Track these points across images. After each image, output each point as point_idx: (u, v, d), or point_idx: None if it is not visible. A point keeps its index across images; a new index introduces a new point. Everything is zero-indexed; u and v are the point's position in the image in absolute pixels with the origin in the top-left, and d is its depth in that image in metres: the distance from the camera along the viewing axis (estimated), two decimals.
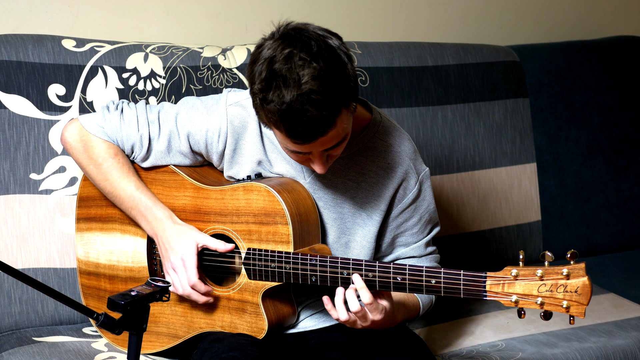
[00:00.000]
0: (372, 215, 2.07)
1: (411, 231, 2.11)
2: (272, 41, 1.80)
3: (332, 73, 1.77)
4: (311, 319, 2.11)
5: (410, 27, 3.09)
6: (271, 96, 1.76)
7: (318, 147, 1.84)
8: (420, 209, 2.10)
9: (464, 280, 1.80)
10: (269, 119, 1.81)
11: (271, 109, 1.77)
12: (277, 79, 1.76)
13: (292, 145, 1.84)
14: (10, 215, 2.32)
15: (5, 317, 2.31)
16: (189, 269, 2.00)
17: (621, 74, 3.09)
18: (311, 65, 1.75)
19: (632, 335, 2.43)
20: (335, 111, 1.78)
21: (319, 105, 1.75)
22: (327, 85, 1.75)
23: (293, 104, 1.75)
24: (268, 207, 1.98)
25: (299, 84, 1.74)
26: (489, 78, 2.88)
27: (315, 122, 1.77)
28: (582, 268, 1.72)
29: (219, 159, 2.09)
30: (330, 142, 1.84)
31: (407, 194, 2.07)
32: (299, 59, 1.75)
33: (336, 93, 1.77)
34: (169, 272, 2.04)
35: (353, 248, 2.08)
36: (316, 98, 1.74)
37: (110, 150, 2.09)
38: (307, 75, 1.74)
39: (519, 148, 2.91)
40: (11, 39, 2.37)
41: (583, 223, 3.02)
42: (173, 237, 2.02)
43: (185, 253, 2.00)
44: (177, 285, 2.02)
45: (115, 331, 1.64)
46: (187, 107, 2.08)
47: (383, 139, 2.06)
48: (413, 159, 2.08)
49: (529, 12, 3.28)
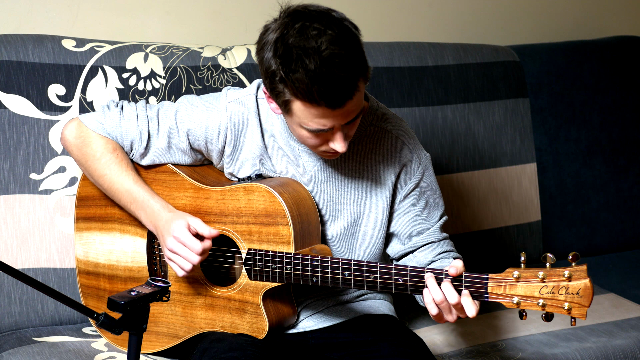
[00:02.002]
0: (377, 203, 2.06)
1: (421, 217, 2.09)
2: (278, 22, 1.83)
3: (347, 39, 1.80)
4: (311, 319, 2.11)
5: (410, 27, 3.09)
6: (295, 66, 1.78)
7: (342, 119, 1.85)
8: (426, 193, 2.09)
9: (466, 281, 1.80)
10: (297, 90, 1.80)
11: (299, 77, 1.78)
12: (296, 50, 1.78)
13: (316, 121, 1.84)
14: (10, 215, 2.32)
15: (5, 317, 2.31)
16: (187, 242, 1.96)
17: (621, 74, 3.09)
18: (327, 33, 1.78)
19: (632, 335, 2.44)
20: (357, 74, 1.81)
21: (344, 67, 1.78)
22: (346, 48, 1.79)
23: (319, 69, 1.76)
24: (269, 208, 1.98)
25: (320, 51, 1.77)
26: (489, 78, 2.88)
27: (343, 84, 1.79)
28: (583, 270, 1.72)
29: (218, 157, 2.09)
30: (353, 112, 1.85)
31: (410, 178, 2.07)
32: (312, 29, 1.78)
33: (355, 56, 1.80)
34: (170, 258, 2.00)
35: (360, 239, 2.08)
36: (339, 61, 1.77)
37: (108, 145, 2.09)
38: (325, 42, 1.77)
39: (519, 148, 2.91)
40: (11, 39, 2.37)
41: (583, 223, 3.02)
42: (168, 223, 2.00)
43: (177, 231, 1.97)
44: (183, 264, 1.97)
45: (115, 331, 1.64)
46: (186, 104, 2.09)
47: (381, 125, 2.06)
48: (413, 144, 2.07)
49: (529, 12, 3.28)
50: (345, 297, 2.16)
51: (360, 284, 1.89)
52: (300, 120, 1.86)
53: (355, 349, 2.09)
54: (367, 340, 2.09)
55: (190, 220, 1.98)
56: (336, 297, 2.14)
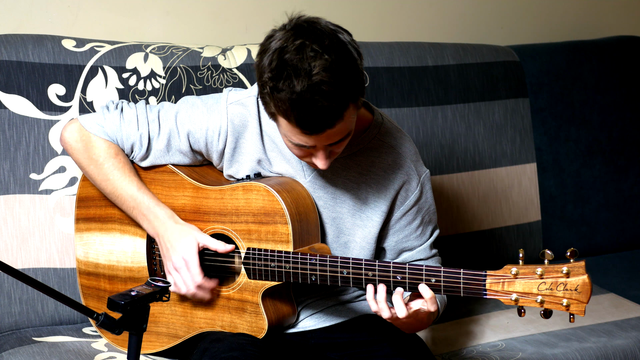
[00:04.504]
0: (372, 217, 2.07)
1: (415, 234, 2.10)
2: (283, 32, 1.81)
3: (342, 66, 1.77)
4: (311, 318, 2.11)
5: (410, 27, 3.09)
6: (282, 85, 1.77)
7: (324, 141, 1.84)
8: (422, 211, 2.10)
9: (464, 278, 1.80)
10: (279, 108, 1.80)
11: (282, 97, 1.77)
12: (288, 68, 1.76)
13: (298, 138, 1.84)
14: (10, 215, 2.32)
15: (5, 317, 2.31)
16: (192, 269, 2.00)
17: (621, 74, 3.09)
18: (323, 57, 1.75)
19: (632, 335, 2.44)
20: (343, 104, 1.79)
21: (329, 96, 1.76)
22: (337, 77, 1.76)
23: (303, 93, 1.75)
24: (267, 207, 1.98)
25: (310, 75, 1.75)
26: (489, 78, 2.88)
27: (324, 113, 1.77)
28: (581, 266, 1.72)
29: (218, 158, 2.09)
30: (336, 136, 1.84)
31: (409, 196, 2.07)
32: (310, 50, 1.76)
33: (346, 86, 1.78)
34: (170, 272, 2.03)
35: (352, 248, 2.08)
36: (327, 89, 1.75)
37: (110, 150, 2.09)
38: (318, 67, 1.75)
39: (519, 148, 2.91)
40: (11, 39, 2.37)
41: (583, 223, 3.02)
42: (174, 236, 2.02)
43: (187, 252, 2.00)
44: (181, 285, 2.02)
45: (115, 331, 1.64)
46: (187, 106, 2.08)
47: (384, 140, 2.06)
48: (414, 161, 2.08)
49: (529, 12, 3.28)
50: (345, 297, 2.16)
51: (359, 282, 1.89)
52: (284, 132, 1.87)
53: (355, 349, 2.09)
54: (367, 340, 2.09)
55: (200, 240, 2.02)
56: (336, 296, 2.14)
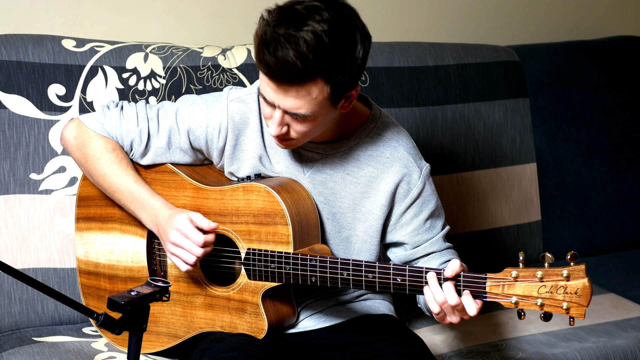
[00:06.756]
0: (372, 210, 2.06)
1: (424, 227, 2.09)
2: None
3: (333, 41, 1.77)
4: (311, 319, 2.11)
5: (410, 27, 3.09)
6: (272, 23, 1.78)
7: (282, 102, 1.84)
8: (429, 204, 2.09)
9: (464, 281, 1.80)
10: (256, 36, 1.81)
11: (259, 31, 1.79)
12: (291, 13, 1.78)
13: (263, 86, 1.85)
14: (10, 215, 2.32)
15: (5, 317, 2.32)
16: (190, 235, 1.95)
17: (621, 74, 3.09)
18: (323, 19, 1.76)
19: (632, 335, 2.44)
20: (311, 71, 1.78)
21: (301, 56, 1.75)
22: (320, 45, 1.76)
23: (282, 36, 1.76)
24: (268, 208, 1.98)
25: (300, 27, 1.75)
26: (489, 78, 2.88)
27: (287, 67, 1.76)
28: (582, 269, 1.72)
29: (219, 156, 2.09)
30: (296, 106, 1.83)
31: (411, 188, 2.07)
32: (317, 14, 1.77)
33: (324, 57, 1.77)
34: (172, 252, 1.99)
35: (354, 243, 2.08)
36: (303, 48, 1.75)
37: (108, 145, 2.09)
38: (312, 25, 1.75)
39: (519, 148, 2.91)
40: (11, 39, 2.37)
41: (583, 223, 3.02)
42: (170, 218, 2.00)
43: (180, 224, 1.96)
44: (186, 257, 1.97)
45: (115, 331, 1.64)
46: (187, 103, 2.09)
47: (381, 133, 2.06)
48: (413, 154, 2.08)
49: (529, 12, 3.28)
50: (345, 297, 2.16)
51: (359, 284, 1.89)
52: (262, 85, 1.88)
53: (355, 349, 2.09)
54: (367, 340, 2.09)
55: (191, 214, 1.98)
56: (336, 297, 2.14)
